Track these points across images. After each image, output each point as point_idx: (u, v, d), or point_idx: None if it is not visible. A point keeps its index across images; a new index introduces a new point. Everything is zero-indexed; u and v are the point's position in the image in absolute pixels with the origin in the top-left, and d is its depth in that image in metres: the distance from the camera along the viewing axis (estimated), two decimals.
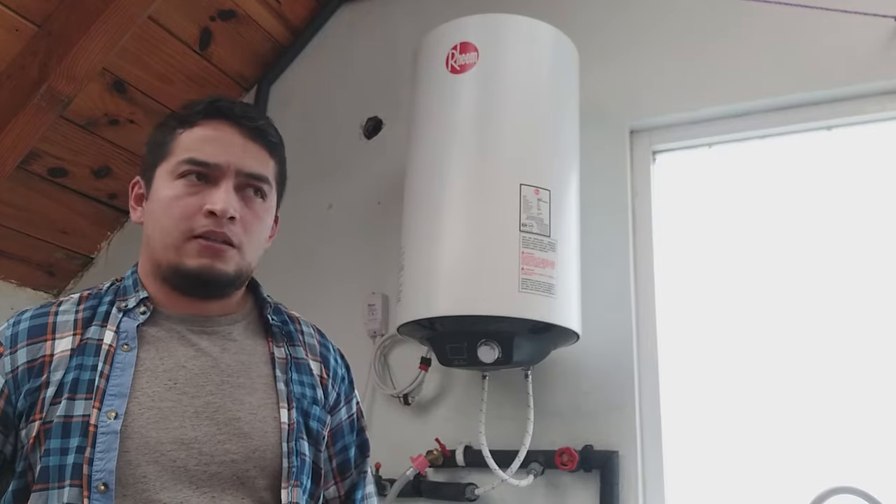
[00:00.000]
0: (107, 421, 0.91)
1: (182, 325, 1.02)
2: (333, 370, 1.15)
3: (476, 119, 1.64)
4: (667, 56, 1.90)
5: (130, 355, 0.97)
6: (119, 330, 0.99)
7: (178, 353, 1.00)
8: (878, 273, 1.65)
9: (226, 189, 1.00)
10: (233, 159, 1.01)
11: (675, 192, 1.89)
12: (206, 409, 0.97)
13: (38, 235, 2.35)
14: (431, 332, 1.63)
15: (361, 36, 2.36)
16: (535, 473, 1.69)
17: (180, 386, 0.97)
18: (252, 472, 0.97)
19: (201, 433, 0.95)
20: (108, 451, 0.89)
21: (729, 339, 1.74)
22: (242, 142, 1.03)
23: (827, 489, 1.39)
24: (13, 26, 1.87)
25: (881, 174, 1.70)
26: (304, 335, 1.15)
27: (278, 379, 1.04)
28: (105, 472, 0.88)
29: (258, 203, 1.05)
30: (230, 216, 0.99)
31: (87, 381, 0.93)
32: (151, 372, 0.97)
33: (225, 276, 1.00)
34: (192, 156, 1.01)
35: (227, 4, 2.20)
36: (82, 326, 0.99)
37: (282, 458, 0.99)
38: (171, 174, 1.01)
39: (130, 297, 1.02)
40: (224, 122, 1.03)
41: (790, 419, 1.64)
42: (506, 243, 1.54)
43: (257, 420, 0.99)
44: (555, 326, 1.56)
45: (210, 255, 0.99)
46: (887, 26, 1.69)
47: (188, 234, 0.98)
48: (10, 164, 2.04)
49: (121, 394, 0.93)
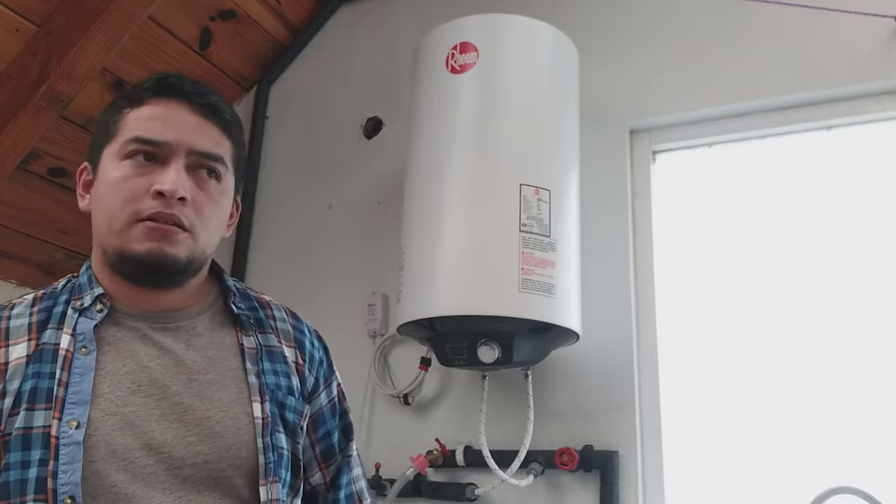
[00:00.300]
0: (68, 431, 0.85)
1: (142, 323, 0.96)
2: (310, 354, 1.09)
3: (476, 119, 1.64)
4: (667, 56, 1.90)
5: (89, 359, 0.90)
6: (76, 332, 0.92)
7: (140, 354, 0.94)
8: (878, 273, 1.65)
9: (175, 169, 0.93)
10: (183, 137, 0.95)
11: (675, 192, 1.89)
12: (173, 411, 0.91)
13: (38, 235, 2.35)
14: (431, 332, 1.63)
15: (361, 36, 2.36)
16: (535, 473, 1.69)
17: (144, 388, 0.91)
18: (227, 471, 0.92)
19: (170, 436, 0.90)
20: (73, 463, 0.84)
21: (729, 339, 1.74)
22: (194, 119, 0.97)
23: (827, 489, 1.39)
24: (13, 26, 1.87)
25: (881, 174, 1.70)
26: (276, 320, 1.08)
27: (249, 371, 0.98)
28: (70, 484, 0.83)
29: (212, 184, 0.98)
30: (180, 196, 0.92)
31: (46, 390, 0.87)
32: (113, 375, 0.91)
33: (175, 262, 0.94)
34: (139, 134, 0.94)
35: (227, 4, 2.20)
36: (37, 330, 0.92)
37: (257, 455, 0.94)
38: (117, 155, 0.95)
39: (86, 295, 0.96)
40: (174, 100, 0.97)
41: (790, 419, 1.64)
42: (506, 243, 1.54)
43: (229, 417, 0.94)
44: (555, 326, 1.56)
45: (158, 238, 0.92)
46: (887, 26, 1.69)
47: (134, 217, 0.92)
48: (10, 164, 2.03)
49: (81, 401, 0.87)
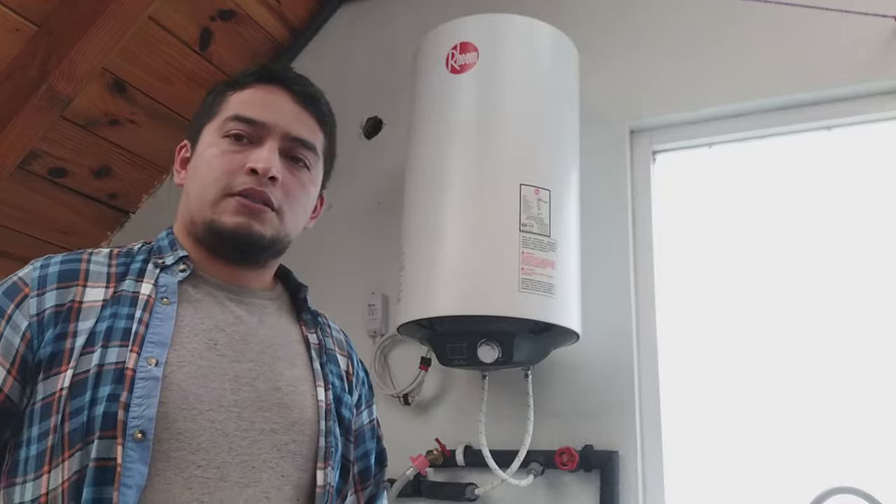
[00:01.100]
0: (147, 367, 0.83)
1: (220, 291, 0.97)
2: (356, 370, 1.12)
3: (476, 119, 1.64)
4: (667, 56, 1.90)
5: (170, 308, 0.90)
6: (158, 283, 0.92)
7: (218, 317, 0.94)
8: (878, 273, 1.65)
9: (270, 149, 0.96)
10: (280, 121, 0.98)
11: (675, 192, 1.89)
12: (246, 375, 0.91)
13: (38, 235, 2.35)
14: (431, 332, 1.63)
15: (361, 36, 2.36)
16: (535, 473, 1.69)
17: (220, 348, 0.91)
18: (291, 445, 0.92)
19: (241, 397, 0.89)
20: (148, 398, 0.82)
21: (729, 338, 1.74)
22: (293, 107, 1.00)
23: (827, 489, 1.39)
24: (13, 26, 1.87)
25: (881, 174, 1.70)
26: (332, 329, 1.13)
27: (313, 359, 1.01)
28: (143, 419, 0.80)
29: (303, 172, 1.01)
30: (271, 176, 0.94)
31: (123, 329, 0.86)
32: (191, 328, 0.90)
33: (260, 239, 0.95)
34: (239, 112, 0.98)
35: (227, 4, 2.20)
36: (116, 280, 0.92)
37: (319, 436, 0.94)
38: (217, 132, 0.98)
39: (167, 255, 0.96)
40: (276, 86, 1.01)
41: (790, 419, 1.64)
42: (506, 243, 1.54)
43: (297, 393, 0.95)
44: (555, 326, 1.56)
45: (247, 214, 0.94)
46: (887, 26, 1.69)
47: (227, 191, 0.94)
48: (10, 164, 2.04)
49: (160, 343, 0.86)
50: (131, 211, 2.50)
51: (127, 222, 2.51)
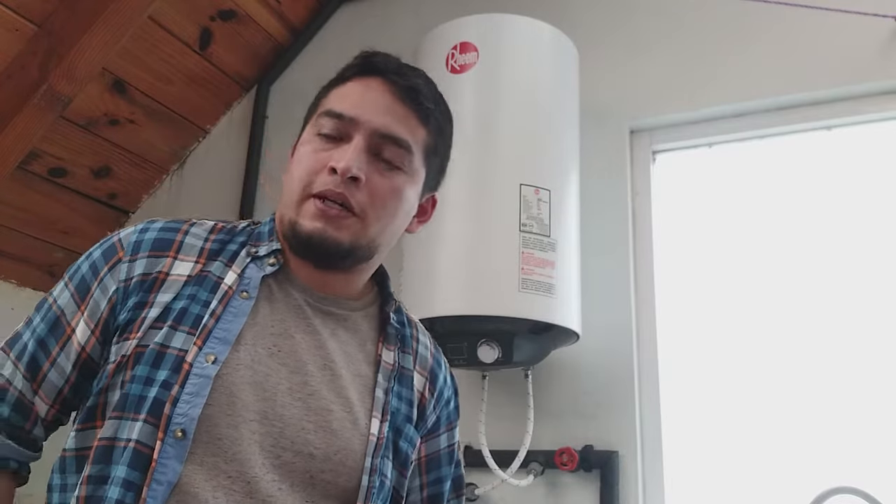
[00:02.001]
0: (203, 363, 0.82)
1: (301, 294, 0.93)
2: (440, 390, 1.03)
3: (476, 119, 1.64)
4: (667, 56, 1.90)
5: (247, 304, 0.88)
6: (243, 275, 0.90)
7: (291, 321, 0.90)
8: (878, 273, 1.65)
9: (355, 147, 0.89)
10: (370, 116, 0.90)
11: (675, 192, 1.89)
12: (301, 390, 0.87)
13: (38, 235, 2.35)
14: (431, 332, 1.61)
15: (361, 36, 2.36)
16: (535, 473, 1.69)
17: (282, 356, 0.87)
18: (327, 474, 0.86)
19: (288, 413, 0.85)
20: (197, 396, 0.80)
21: (729, 339, 1.74)
22: (388, 100, 0.92)
23: (827, 489, 1.38)
24: (13, 26, 1.87)
25: (881, 174, 1.71)
26: (419, 344, 1.03)
27: (379, 385, 0.93)
28: (187, 418, 0.79)
29: (396, 173, 0.92)
30: (352, 176, 0.87)
31: (195, 316, 0.85)
32: (259, 328, 0.88)
33: (337, 246, 0.89)
34: (330, 107, 0.92)
35: (227, 4, 2.20)
36: (207, 257, 0.90)
37: (362, 474, 0.87)
38: (312, 128, 0.94)
39: (263, 245, 0.93)
40: (375, 78, 0.93)
41: (790, 419, 1.64)
42: (506, 243, 1.54)
43: (348, 420, 0.88)
44: (555, 326, 1.56)
45: (324, 220, 0.88)
46: (887, 26, 1.69)
47: (308, 191, 0.89)
48: (10, 164, 2.04)
49: (226, 340, 0.84)
50: (131, 211, 2.50)
51: (127, 222, 2.50)
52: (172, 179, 2.49)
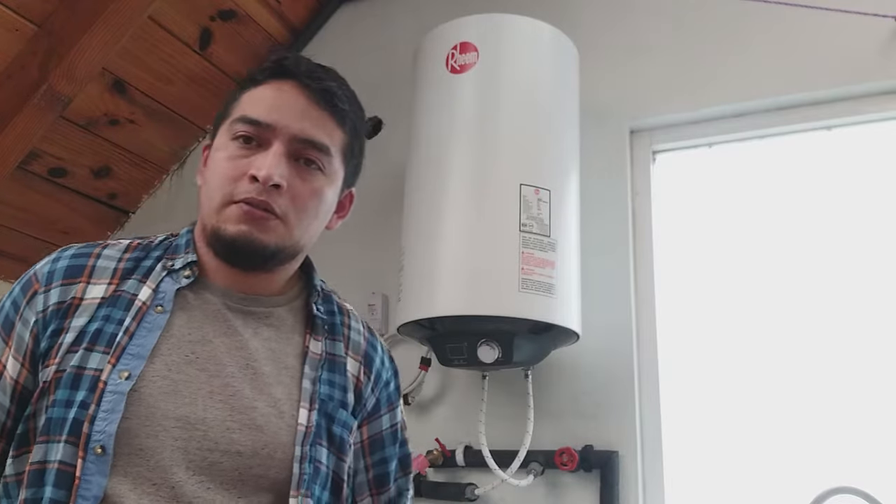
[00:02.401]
0: (117, 380, 0.84)
1: (221, 299, 0.95)
2: (377, 373, 1.05)
3: (476, 119, 1.64)
4: (667, 56, 1.90)
5: (161, 318, 0.90)
6: (158, 289, 0.92)
7: (209, 327, 0.92)
8: (878, 273, 1.65)
9: (274, 154, 0.91)
10: (287, 121, 0.92)
11: (675, 192, 1.89)
12: (222, 392, 0.89)
13: (38, 235, 2.35)
14: (431, 332, 1.63)
15: (361, 36, 2.36)
16: (535, 473, 1.69)
17: (201, 361, 0.89)
18: (256, 469, 0.88)
19: (211, 416, 0.87)
20: (113, 413, 0.83)
21: (729, 339, 1.74)
22: (304, 103, 0.94)
23: (827, 489, 1.39)
24: (13, 26, 1.87)
25: (881, 174, 1.70)
26: (351, 330, 1.05)
27: (306, 375, 0.95)
28: (105, 434, 0.82)
29: (316, 176, 0.94)
30: (274, 184, 0.89)
31: (109, 335, 0.87)
32: (176, 339, 0.90)
33: (263, 248, 0.91)
34: (245, 113, 0.93)
35: (227, 4, 2.20)
36: (121, 277, 0.93)
37: (293, 462, 0.90)
38: (227, 134, 0.94)
39: (179, 258, 0.95)
40: (288, 81, 0.95)
41: (790, 419, 1.64)
42: (506, 243, 1.54)
43: (273, 415, 0.91)
44: (555, 326, 1.56)
45: (249, 222, 0.90)
46: (887, 26, 1.69)
47: (229, 198, 0.91)
48: (10, 164, 2.04)
49: (139, 355, 0.87)
50: (131, 211, 2.50)
51: (127, 222, 2.51)
52: (172, 179, 2.49)
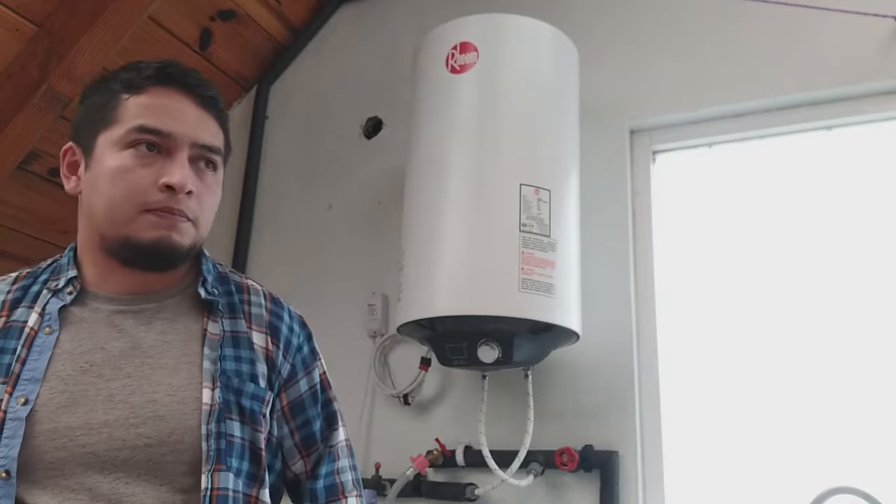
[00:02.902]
0: (15, 407, 0.89)
1: (108, 305, 0.98)
2: (286, 340, 1.07)
3: (476, 119, 1.64)
4: (667, 56, 1.90)
5: (50, 338, 0.94)
6: (44, 312, 0.96)
7: (100, 335, 0.96)
8: (878, 273, 1.65)
9: (181, 162, 0.95)
10: (187, 130, 0.97)
11: (675, 192, 1.89)
12: (121, 392, 0.93)
13: (38, 235, 2.35)
14: (431, 332, 1.63)
15: (361, 36, 2.36)
16: (535, 473, 1.69)
17: (96, 368, 0.93)
18: (168, 456, 0.92)
19: (113, 417, 0.91)
20: (13, 438, 0.88)
21: (729, 339, 1.74)
22: (196, 112, 0.99)
23: (827, 489, 1.39)
24: (13, 26, 1.87)
25: (881, 174, 1.70)
26: (251, 305, 1.07)
27: (206, 357, 0.98)
28: (8, 459, 0.87)
29: (210, 175, 1.01)
30: (188, 191, 0.95)
31: (5, 366, 0.92)
32: (69, 354, 0.94)
33: (180, 249, 0.96)
34: (144, 123, 0.95)
35: (227, 4, 2.20)
36: (10, 308, 0.97)
37: (201, 441, 0.93)
38: (118, 143, 0.95)
39: (62, 277, 1.00)
40: (176, 90, 0.99)
41: (790, 419, 1.64)
42: (506, 243, 1.54)
43: (175, 402, 0.94)
44: (555, 326, 1.56)
45: (166, 228, 0.94)
46: (887, 26, 1.69)
47: (141, 207, 0.94)
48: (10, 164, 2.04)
49: (34, 378, 0.91)
50: None
51: None
52: None
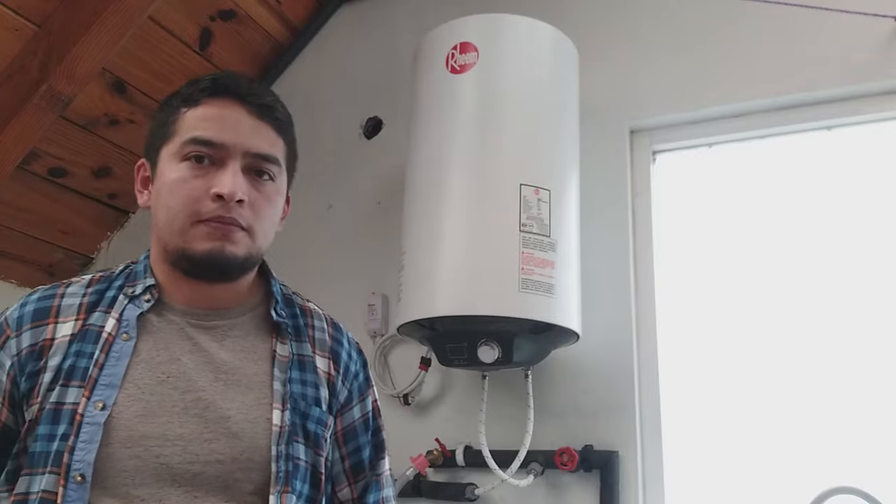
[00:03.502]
0: (93, 412, 0.90)
1: (184, 318, 1.00)
2: (345, 366, 1.10)
3: (476, 119, 1.64)
4: (667, 56, 1.90)
5: (128, 345, 0.95)
6: (121, 318, 0.97)
7: (176, 347, 0.97)
8: (878, 273, 1.65)
9: (233, 171, 0.96)
10: (240, 139, 0.97)
11: (675, 192, 1.89)
12: (195, 406, 0.94)
13: (38, 235, 2.35)
14: (431, 332, 1.63)
15: (361, 36, 2.36)
16: (535, 473, 1.69)
17: (172, 380, 0.95)
18: (238, 474, 0.93)
19: (188, 430, 0.93)
20: (90, 443, 0.89)
21: (729, 339, 1.74)
22: (250, 120, 0.99)
23: (827, 489, 1.39)
24: (13, 26, 1.87)
25: (881, 174, 1.70)
26: (315, 329, 1.10)
27: (276, 378, 1.00)
28: (84, 463, 0.88)
29: (268, 185, 1.00)
30: (238, 199, 0.95)
31: (83, 369, 0.93)
32: (146, 363, 0.95)
33: (234, 259, 0.97)
34: (196, 135, 0.97)
35: (227, 4, 2.20)
36: (86, 311, 0.98)
37: (270, 462, 0.95)
38: (175, 156, 0.98)
39: (138, 284, 1.01)
40: (230, 100, 0.99)
41: (790, 419, 1.64)
42: (506, 243, 1.54)
43: (247, 420, 0.96)
44: (555, 326, 1.56)
45: (219, 238, 0.95)
46: (887, 26, 1.69)
47: (194, 218, 0.95)
48: (10, 164, 2.04)
49: (111, 384, 0.92)
50: (131, 211, 2.50)
51: (127, 222, 2.51)
52: None
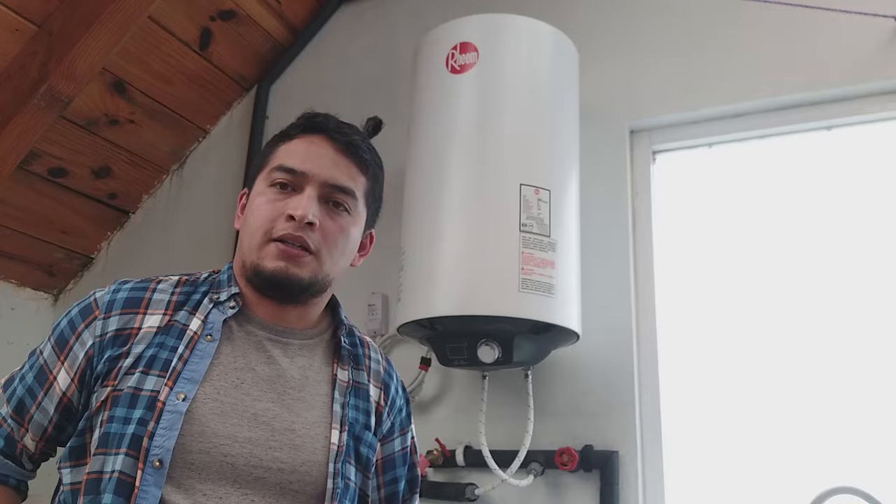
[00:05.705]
0: (175, 401, 0.95)
1: (261, 331, 1.06)
2: (392, 399, 1.17)
3: (476, 119, 1.65)
4: (667, 56, 1.90)
5: (211, 346, 1.01)
6: (206, 320, 1.03)
7: (252, 356, 1.03)
8: (878, 273, 1.65)
9: (308, 196, 1.03)
10: (319, 170, 1.05)
11: (675, 192, 1.90)
12: (264, 414, 1.00)
13: (38, 235, 2.35)
14: (431, 332, 1.63)
15: (361, 36, 2.36)
16: (535, 473, 1.69)
17: (246, 387, 1.00)
18: (295, 485, 0.99)
19: (255, 435, 0.98)
20: (170, 430, 0.93)
21: (729, 339, 1.74)
22: (332, 154, 1.07)
23: (827, 489, 1.39)
24: (13, 26, 1.87)
25: (881, 174, 1.71)
26: (371, 360, 1.17)
27: (336, 400, 1.06)
28: (163, 449, 0.92)
29: (343, 215, 1.07)
30: (308, 221, 1.02)
31: (164, 360, 0.98)
32: (224, 366, 1.01)
33: (299, 282, 1.03)
34: (282, 163, 1.06)
35: (227, 4, 2.20)
36: (174, 308, 1.04)
37: (327, 478, 1.01)
38: (264, 181, 1.07)
39: (223, 291, 1.07)
40: (318, 136, 1.08)
41: (790, 419, 1.64)
42: (506, 243, 1.54)
43: (310, 435, 1.02)
44: (555, 326, 1.56)
45: (285, 259, 1.02)
46: (887, 26, 1.69)
47: (268, 236, 1.03)
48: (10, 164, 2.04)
49: (193, 379, 0.97)
50: (131, 211, 2.50)
51: (127, 222, 2.51)
52: (172, 179, 2.49)
